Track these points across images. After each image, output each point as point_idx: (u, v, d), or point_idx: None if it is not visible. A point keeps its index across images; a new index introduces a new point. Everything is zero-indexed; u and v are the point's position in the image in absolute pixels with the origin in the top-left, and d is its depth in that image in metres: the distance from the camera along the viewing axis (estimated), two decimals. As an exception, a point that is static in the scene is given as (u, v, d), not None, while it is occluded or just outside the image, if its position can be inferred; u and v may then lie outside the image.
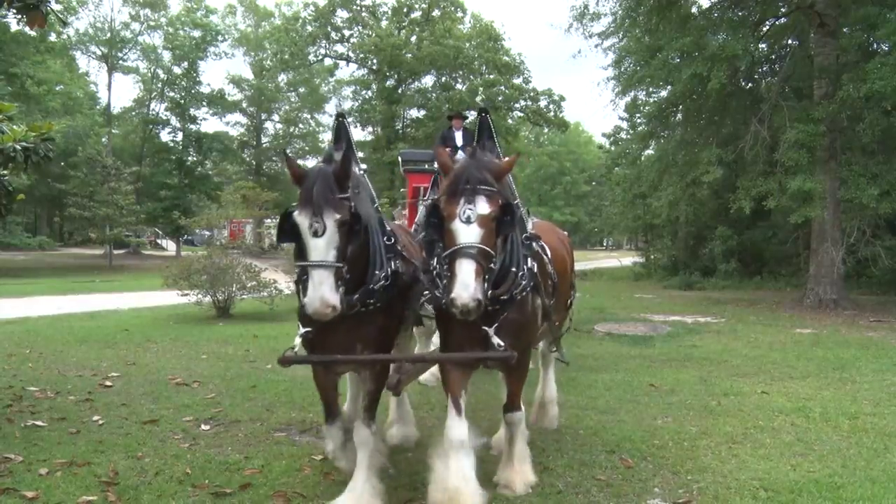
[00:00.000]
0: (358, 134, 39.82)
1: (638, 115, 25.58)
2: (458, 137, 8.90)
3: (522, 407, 4.46)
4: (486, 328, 3.76)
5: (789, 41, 20.35)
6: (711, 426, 5.96)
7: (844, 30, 16.85)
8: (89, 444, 5.24)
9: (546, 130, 55.72)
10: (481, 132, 4.71)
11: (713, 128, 20.35)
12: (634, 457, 5.09)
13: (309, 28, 37.10)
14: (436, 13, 37.43)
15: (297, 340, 3.85)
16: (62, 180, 36.98)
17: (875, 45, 17.08)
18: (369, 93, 40.31)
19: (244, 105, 49.99)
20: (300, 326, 3.84)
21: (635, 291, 23.11)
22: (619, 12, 19.98)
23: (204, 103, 46.01)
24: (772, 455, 5.15)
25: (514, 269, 3.84)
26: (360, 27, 38.28)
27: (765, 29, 19.39)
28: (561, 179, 70.43)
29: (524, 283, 3.87)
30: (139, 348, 9.92)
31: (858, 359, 9.40)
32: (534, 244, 4.29)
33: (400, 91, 38.04)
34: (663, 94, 21.55)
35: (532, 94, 37.06)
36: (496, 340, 3.74)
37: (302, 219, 3.41)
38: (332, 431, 4.39)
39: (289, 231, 3.50)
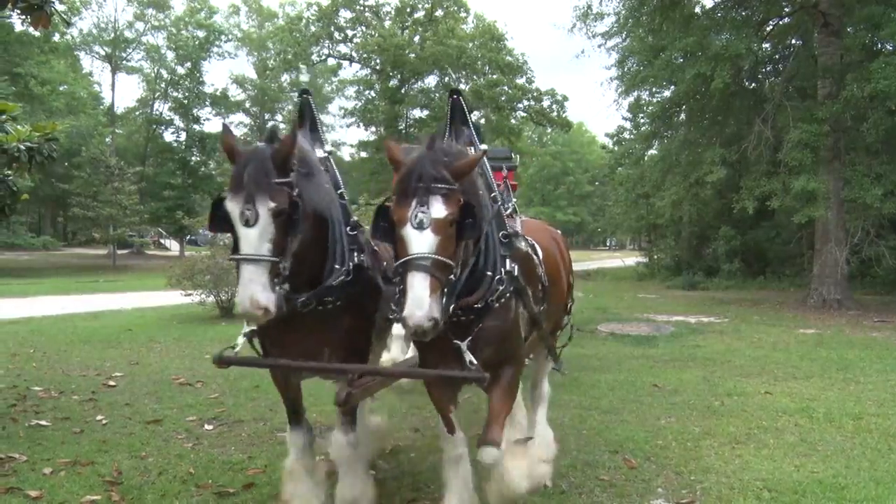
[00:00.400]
0: (361, 134, 39.83)
1: (641, 115, 25.62)
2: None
3: (503, 444, 3.54)
4: (457, 342, 3.27)
5: (793, 41, 20.35)
6: (715, 426, 5.95)
7: (848, 29, 16.83)
8: (93, 444, 5.25)
9: (549, 130, 55.77)
10: (454, 116, 4.08)
11: (717, 128, 20.36)
12: (638, 457, 5.09)
13: (312, 28, 37.12)
14: (439, 13, 37.44)
15: (240, 340, 3.49)
16: (66, 180, 37.03)
17: (879, 45, 17.05)
18: (372, 93, 40.32)
19: (247, 105, 50.07)
20: (245, 324, 3.45)
21: (638, 291, 23.09)
22: (623, 12, 20.00)
23: (207, 103, 46.06)
24: (775, 455, 5.14)
25: (489, 273, 3.33)
26: (363, 27, 38.29)
27: (768, 28, 19.38)
28: (564, 179, 70.46)
29: (501, 288, 3.35)
30: (143, 348, 9.94)
31: (862, 359, 9.38)
32: (519, 242, 3.73)
33: (403, 91, 38.04)
34: (667, 93, 21.58)
35: (535, 94, 37.05)
36: (469, 357, 3.26)
37: (232, 206, 2.97)
38: (294, 438, 3.84)
39: (222, 220, 3.05)
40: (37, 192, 31.89)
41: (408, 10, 37.79)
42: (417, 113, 39.24)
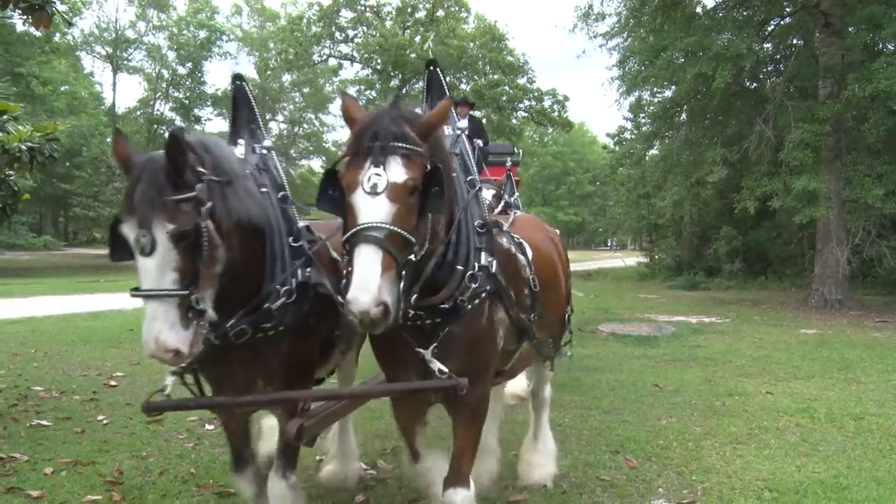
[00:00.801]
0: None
1: (642, 115, 25.64)
2: (464, 125, 8.78)
3: (471, 482, 3.08)
4: (420, 350, 2.79)
5: (794, 41, 20.34)
6: (716, 426, 5.95)
7: (850, 29, 16.84)
8: (94, 444, 5.25)
9: (550, 130, 55.68)
10: (430, 89, 3.52)
11: (718, 128, 20.37)
12: (639, 457, 5.09)
13: (313, 28, 37.14)
14: (440, 13, 37.44)
15: (169, 381, 2.95)
16: (67, 180, 37.07)
17: (880, 45, 17.08)
18: (373, 93, 40.30)
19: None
20: None
21: (639, 291, 23.07)
22: (624, 12, 20.04)
23: (208, 103, 46.07)
24: (776, 456, 5.14)
25: (459, 267, 2.83)
26: (364, 27, 38.29)
27: (769, 28, 19.39)
28: (565, 179, 70.45)
29: (474, 286, 2.84)
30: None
31: (863, 359, 9.37)
32: (500, 237, 3.24)
33: (404, 91, 38.02)
34: (668, 94, 21.58)
35: (536, 94, 37.03)
36: (437, 366, 2.77)
37: (127, 231, 2.46)
38: (240, 483, 3.38)
39: (124, 247, 2.52)
40: (38, 192, 31.91)
41: (409, 10, 37.80)
42: (419, 113, 39.21)
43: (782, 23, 19.43)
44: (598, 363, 9.09)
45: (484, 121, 34.07)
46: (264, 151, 3.37)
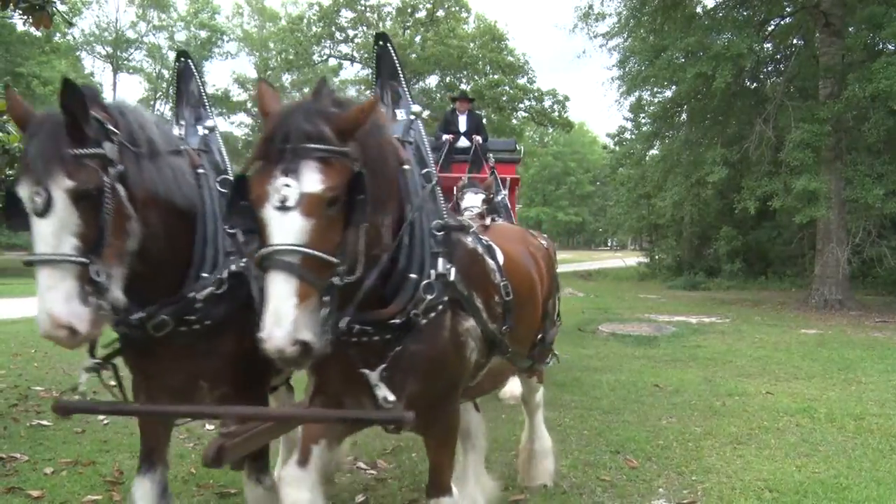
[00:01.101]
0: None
1: (642, 114, 25.67)
2: (463, 122, 8.68)
3: (454, 489, 2.99)
4: (366, 371, 2.40)
5: (794, 41, 20.35)
6: (716, 427, 5.94)
7: (850, 29, 16.87)
8: (94, 444, 5.24)
9: (550, 130, 55.71)
10: (380, 69, 3.06)
11: (718, 128, 20.38)
12: (639, 457, 5.09)
13: (314, 28, 37.19)
14: (440, 13, 37.47)
15: (83, 378, 2.67)
16: (67, 180, 37.08)
17: (881, 45, 17.08)
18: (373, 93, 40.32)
19: (249, 105, 50.10)
20: (88, 353, 2.67)
21: (640, 291, 23.07)
22: (624, 12, 20.07)
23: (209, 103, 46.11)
24: (777, 456, 5.14)
25: (412, 276, 2.50)
26: (364, 27, 38.34)
27: (770, 28, 19.41)
28: (565, 179, 70.43)
29: (430, 297, 2.49)
30: (144, 348, 9.90)
31: (864, 359, 9.37)
32: (465, 237, 2.88)
33: (404, 91, 38.05)
34: (668, 93, 21.61)
35: (536, 94, 37.05)
36: (383, 393, 2.38)
37: (22, 190, 2.18)
38: (137, 492, 2.91)
39: (21, 213, 2.23)
40: (38, 192, 31.83)
41: (409, 10, 37.82)
42: (418, 113, 39.23)
43: (782, 23, 19.45)
44: (598, 363, 9.09)
45: (484, 121, 34.20)
46: (206, 132, 3.14)
